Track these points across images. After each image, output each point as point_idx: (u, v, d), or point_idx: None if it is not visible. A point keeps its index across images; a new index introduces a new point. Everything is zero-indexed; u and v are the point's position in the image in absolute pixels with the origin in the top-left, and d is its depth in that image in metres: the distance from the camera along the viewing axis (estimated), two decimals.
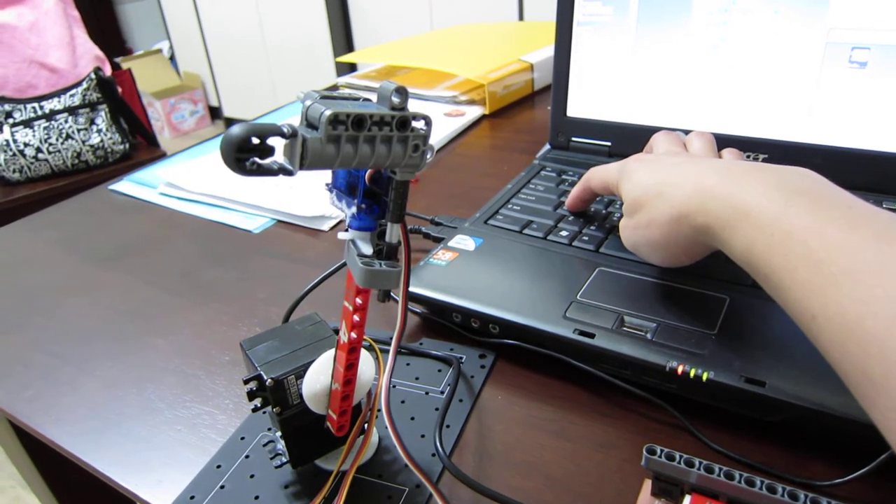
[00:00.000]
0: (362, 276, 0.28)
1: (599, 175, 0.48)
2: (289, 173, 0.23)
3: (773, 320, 0.41)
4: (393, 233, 0.28)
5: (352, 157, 0.24)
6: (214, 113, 3.69)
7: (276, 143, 0.23)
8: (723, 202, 0.35)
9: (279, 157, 0.23)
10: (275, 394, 0.33)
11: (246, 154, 0.22)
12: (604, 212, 0.55)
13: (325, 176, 0.29)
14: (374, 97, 0.26)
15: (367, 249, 0.29)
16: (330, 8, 2.77)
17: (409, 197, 0.28)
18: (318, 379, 0.33)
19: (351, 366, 0.32)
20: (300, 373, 0.33)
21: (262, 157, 0.23)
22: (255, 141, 0.22)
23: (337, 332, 0.33)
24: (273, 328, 0.36)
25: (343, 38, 2.82)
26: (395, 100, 0.25)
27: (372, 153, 0.24)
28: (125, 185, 0.78)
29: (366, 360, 0.33)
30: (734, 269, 0.45)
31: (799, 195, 0.33)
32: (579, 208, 0.54)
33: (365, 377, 0.34)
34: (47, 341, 0.51)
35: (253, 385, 0.33)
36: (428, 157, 0.26)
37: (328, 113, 0.23)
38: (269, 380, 0.32)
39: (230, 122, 3.56)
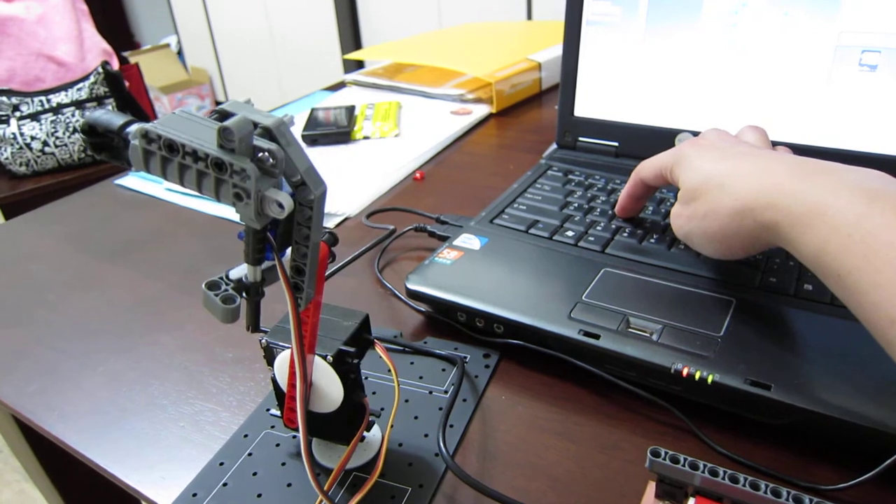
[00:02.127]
0: (202, 297, 0.28)
1: (651, 164, 0.46)
2: (128, 166, 0.24)
3: (779, 323, 0.41)
4: (247, 270, 0.28)
5: (171, 177, 0.23)
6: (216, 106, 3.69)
7: None
8: (795, 199, 0.34)
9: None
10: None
11: (94, 138, 0.24)
12: (662, 222, 0.52)
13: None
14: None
15: (235, 274, 0.28)
16: (338, 5, 2.76)
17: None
18: (283, 369, 0.34)
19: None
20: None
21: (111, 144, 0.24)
22: (98, 129, 0.23)
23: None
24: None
25: (351, 35, 2.81)
26: (220, 140, 0.23)
27: (190, 182, 0.23)
28: (131, 180, 0.78)
29: (326, 375, 0.33)
30: (741, 270, 0.45)
31: (879, 197, 0.32)
32: (632, 210, 0.52)
33: (330, 393, 0.33)
34: (52, 336, 0.51)
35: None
36: (271, 210, 0.23)
37: (136, 127, 0.23)
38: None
39: None
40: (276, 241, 0.27)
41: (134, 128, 0.23)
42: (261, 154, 0.23)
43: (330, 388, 0.33)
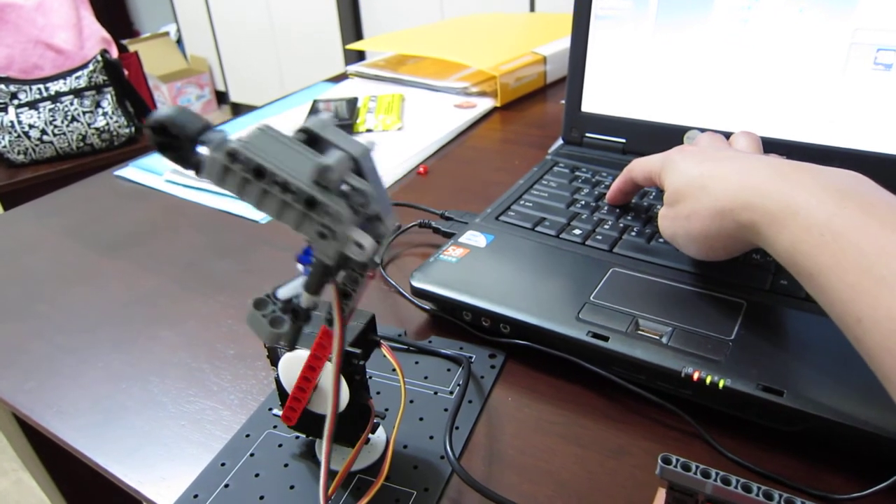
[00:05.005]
0: (247, 314, 0.27)
1: (642, 165, 0.48)
2: (196, 172, 0.23)
3: (791, 326, 0.40)
4: (303, 297, 0.27)
5: (247, 198, 0.23)
6: (221, 98, 3.68)
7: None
8: (770, 199, 0.35)
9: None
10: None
11: (161, 137, 0.22)
12: (645, 204, 0.55)
13: None
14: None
15: (284, 294, 0.27)
16: None
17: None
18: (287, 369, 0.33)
19: (307, 379, 0.32)
20: None
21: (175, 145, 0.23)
22: (171, 130, 0.22)
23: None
24: None
25: (352, 25, 2.80)
26: (318, 177, 0.22)
27: (270, 209, 0.23)
28: (131, 171, 0.77)
29: (329, 373, 0.32)
30: (751, 272, 0.44)
31: (850, 197, 0.32)
32: (620, 201, 0.54)
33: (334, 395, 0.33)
34: (50, 331, 0.50)
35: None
36: (350, 250, 0.22)
37: (221, 140, 0.22)
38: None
39: (236, 107, 3.55)
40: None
41: (217, 139, 0.22)
42: (346, 188, 0.22)
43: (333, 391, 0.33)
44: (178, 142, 0.23)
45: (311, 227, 0.23)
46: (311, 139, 0.24)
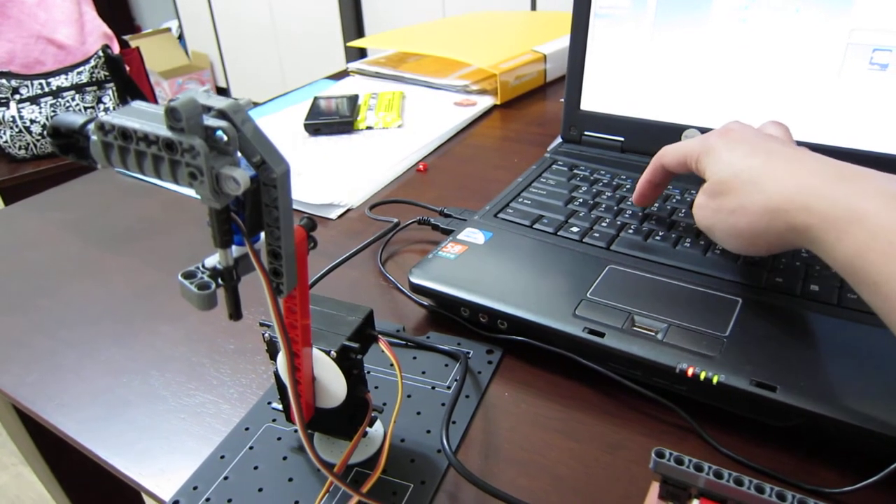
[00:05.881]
0: (179, 288, 0.28)
1: (676, 151, 0.45)
2: (94, 164, 0.25)
3: (785, 324, 0.40)
4: (217, 255, 0.27)
5: (131, 167, 0.24)
6: (222, 94, 3.68)
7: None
8: (831, 203, 0.33)
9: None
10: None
11: (60, 140, 0.24)
12: (668, 219, 0.52)
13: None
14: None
15: (210, 262, 0.28)
16: None
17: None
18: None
19: (297, 369, 0.32)
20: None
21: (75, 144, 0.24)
22: (62, 130, 0.24)
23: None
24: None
25: (353, 22, 2.80)
26: (168, 121, 0.23)
27: (149, 169, 0.24)
28: None
29: (330, 370, 0.33)
30: (746, 269, 0.45)
31: None
32: (649, 197, 0.50)
33: (333, 389, 0.33)
34: (51, 325, 0.50)
35: None
36: (228, 187, 0.23)
37: (98, 121, 0.23)
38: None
39: None
40: (246, 224, 0.26)
41: (92, 124, 0.24)
42: (215, 133, 0.23)
43: (333, 384, 0.33)
44: (72, 139, 0.24)
45: (184, 173, 0.23)
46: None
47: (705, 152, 0.41)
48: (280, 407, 0.38)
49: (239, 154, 0.24)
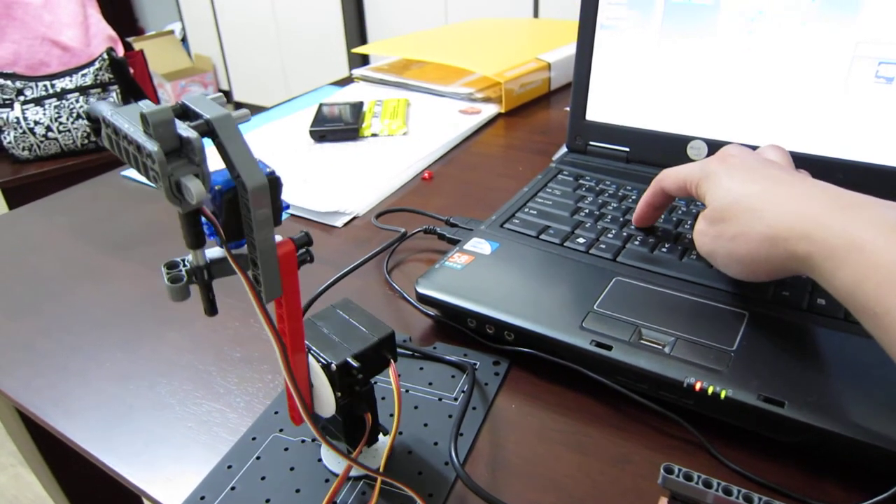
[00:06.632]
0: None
1: (676, 175, 0.45)
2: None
3: (792, 338, 0.40)
4: (192, 256, 0.28)
5: (124, 160, 0.25)
6: (225, 97, 3.68)
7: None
8: (832, 232, 0.33)
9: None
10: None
11: (95, 125, 0.26)
12: (674, 231, 0.52)
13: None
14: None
15: (190, 258, 0.29)
16: None
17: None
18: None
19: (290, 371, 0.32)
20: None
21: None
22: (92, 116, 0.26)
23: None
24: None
25: (357, 29, 2.80)
26: (142, 125, 0.23)
27: (133, 165, 0.25)
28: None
29: (322, 381, 0.33)
30: (753, 283, 0.45)
31: None
32: (649, 218, 0.51)
33: (325, 400, 0.33)
34: (57, 329, 0.50)
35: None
36: (188, 195, 0.23)
37: (102, 115, 0.25)
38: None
39: (240, 106, 3.55)
40: (224, 230, 0.27)
41: (89, 109, 0.26)
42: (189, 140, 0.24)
43: (325, 395, 0.33)
44: (99, 125, 0.26)
45: (150, 174, 0.24)
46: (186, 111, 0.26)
47: (705, 177, 0.42)
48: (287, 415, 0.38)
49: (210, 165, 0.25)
